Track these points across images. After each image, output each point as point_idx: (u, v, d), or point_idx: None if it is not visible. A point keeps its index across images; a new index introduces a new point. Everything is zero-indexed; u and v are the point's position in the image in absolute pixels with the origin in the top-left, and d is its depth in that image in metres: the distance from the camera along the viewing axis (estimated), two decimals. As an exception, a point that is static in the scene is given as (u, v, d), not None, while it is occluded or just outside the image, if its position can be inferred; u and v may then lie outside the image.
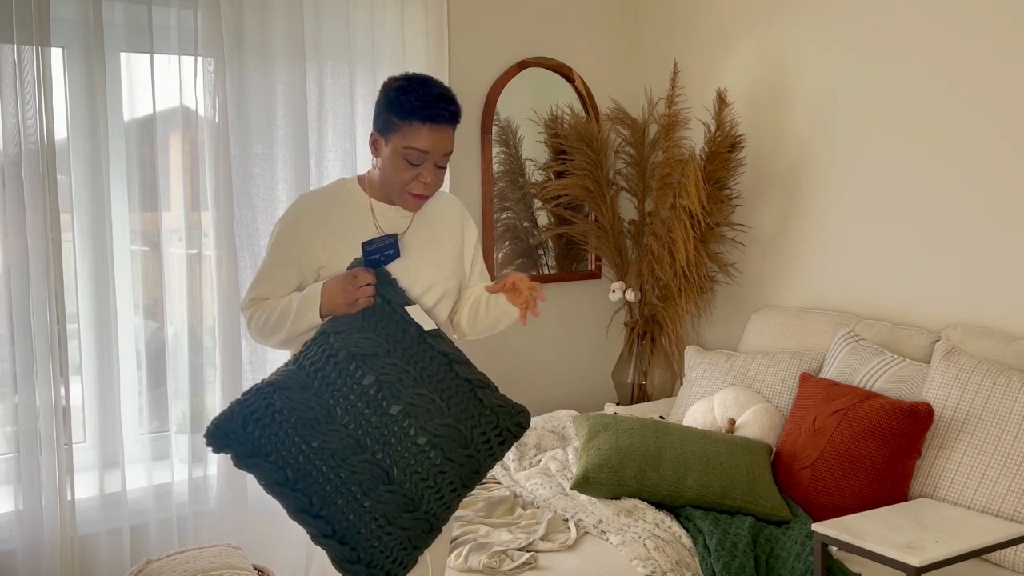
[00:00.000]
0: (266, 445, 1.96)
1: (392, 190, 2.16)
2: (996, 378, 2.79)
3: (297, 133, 3.31)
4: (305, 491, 1.97)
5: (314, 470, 1.96)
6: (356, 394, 2.00)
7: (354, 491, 1.98)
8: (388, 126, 2.11)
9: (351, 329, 2.05)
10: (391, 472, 1.99)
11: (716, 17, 3.98)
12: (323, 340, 2.06)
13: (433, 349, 2.07)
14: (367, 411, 2.00)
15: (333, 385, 2.01)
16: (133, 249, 3.19)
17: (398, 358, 2.03)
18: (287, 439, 1.96)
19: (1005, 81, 3.04)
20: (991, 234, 3.10)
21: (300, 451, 1.96)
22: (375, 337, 2.04)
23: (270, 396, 1.99)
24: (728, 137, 3.73)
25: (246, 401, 2.00)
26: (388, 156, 2.12)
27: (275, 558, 3.31)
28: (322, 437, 1.97)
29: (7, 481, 2.96)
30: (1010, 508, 2.62)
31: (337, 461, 1.97)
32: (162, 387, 3.23)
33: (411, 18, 3.56)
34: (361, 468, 1.98)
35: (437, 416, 2.02)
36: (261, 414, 1.97)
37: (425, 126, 2.08)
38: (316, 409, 1.99)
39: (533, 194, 4.08)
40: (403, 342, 2.05)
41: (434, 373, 2.05)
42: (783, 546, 2.71)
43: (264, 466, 1.96)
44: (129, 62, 3.11)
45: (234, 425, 1.97)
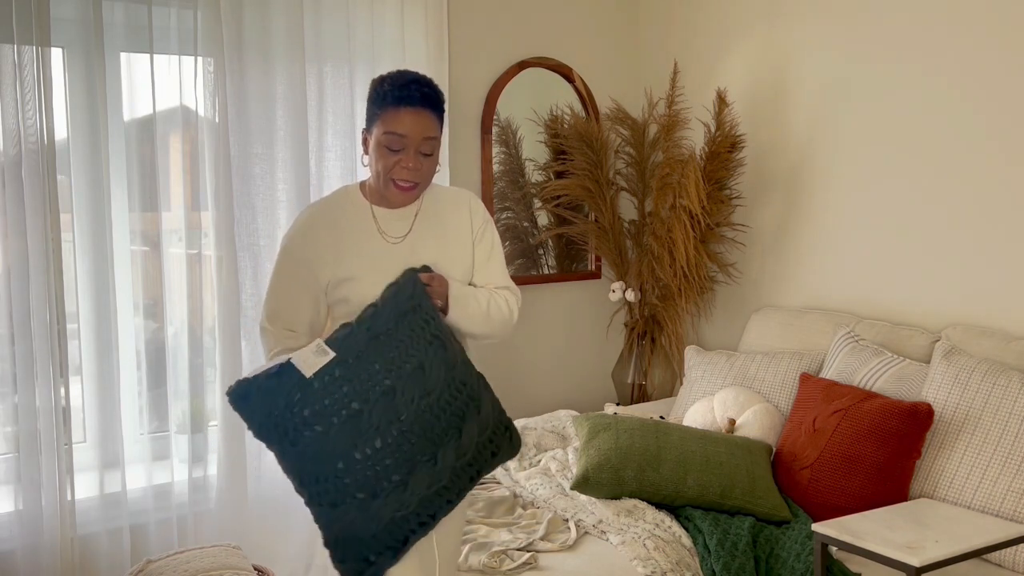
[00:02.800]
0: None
1: (379, 183, 2.18)
2: (996, 378, 2.79)
3: (297, 133, 3.31)
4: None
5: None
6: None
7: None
8: (370, 120, 2.16)
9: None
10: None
11: (716, 17, 3.98)
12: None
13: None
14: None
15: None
16: (133, 249, 3.19)
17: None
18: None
19: (1005, 81, 3.04)
20: (991, 234, 3.10)
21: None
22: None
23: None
24: (728, 137, 3.73)
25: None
26: (373, 148, 2.16)
27: (275, 558, 3.31)
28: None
29: (7, 481, 2.96)
30: (1010, 508, 2.62)
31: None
32: (162, 387, 3.23)
33: (411, 18, 3.56)
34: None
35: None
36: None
37: (400, 110, 2.11)
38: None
39: (533, 194, 4.08)
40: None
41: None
42: (783, 546, 2.71)
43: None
44: (129, 62, 3.11)
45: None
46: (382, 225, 2.21)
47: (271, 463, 3.34)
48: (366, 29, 3.46)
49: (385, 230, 2.21)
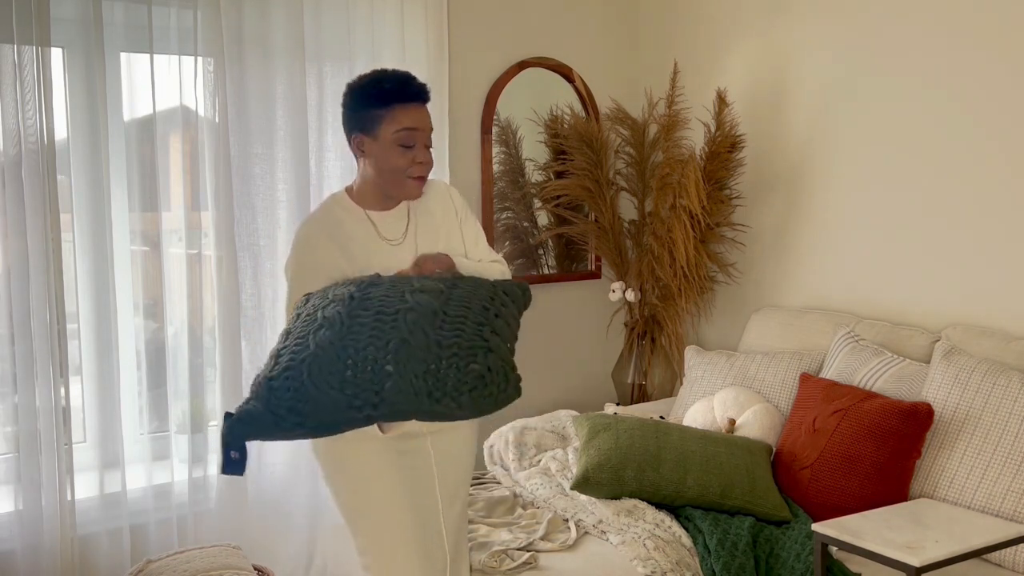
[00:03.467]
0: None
1: (391, 183, 2.20)
2: (996, 378, 2.79)
3: (297, 133, 3.31)
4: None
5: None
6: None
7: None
8: (371, 121, 2.17)
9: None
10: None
11: (716, 17, 3.98)
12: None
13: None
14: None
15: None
16: (133, 249, 3.19)
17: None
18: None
19: (1006, 82, 3.04)
20: (991, 234, 3.10)
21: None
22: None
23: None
24: (728, 137, 3.73)
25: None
26: (380, 149, 2.17)
27: (275, 558, 3.31)
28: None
29: (7, 481, 2.96)
30: (1010, 508, 2.62)
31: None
32: (162, 387, 3.23)
33: (411, 18, 3.56)
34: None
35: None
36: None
37: (408, 106, 2.16)
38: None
39: (533, 194, 4.08)
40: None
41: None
42: (783, 546, 2.71)
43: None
44: (129, 62, 3.11)
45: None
46: (380, 229, 2.24)
47: (271, 463, 3.36)
48: (366, 29, 3.46)
49: (384, 234, 2.24)
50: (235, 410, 1.96)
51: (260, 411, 1.92)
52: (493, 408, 2.00)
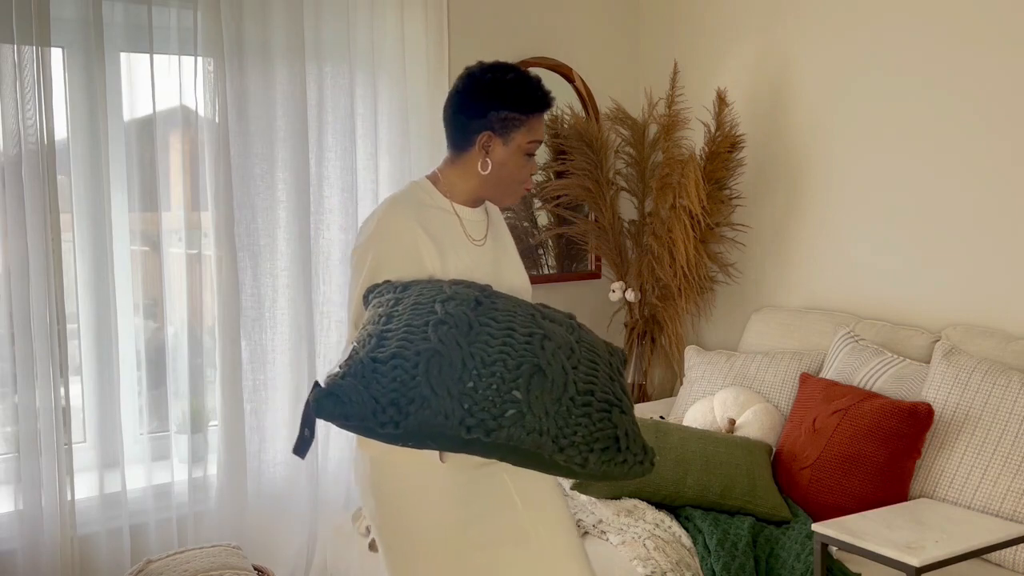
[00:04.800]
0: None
1: (504, 188, 2.08)
2: (996, 378, 2.79)
3: (297, 133, 3.31)
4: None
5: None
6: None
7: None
8: (508, 124, 2.03)
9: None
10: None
11: (716, 17, 3.98)
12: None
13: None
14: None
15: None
16: (133, 249, 3.19)
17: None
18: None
19: (1006, 82, 3.04)
20: (991, 234, 3.10)
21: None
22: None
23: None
24: (728, 137, 3.73)
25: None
26: (508, 154, 2.05)
27: (275, 558, 3.31)
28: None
29: (7, 481, 2.96)
30: (1010, 508, 2.62)
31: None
32: (162, 387, 3.23)
33: (411, 18, 3.56)
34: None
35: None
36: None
37: (540, 118, 2.07)
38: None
39: (533, 194, 4.08)
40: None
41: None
42: (783, 546, 2.71)
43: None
44: (129, 62, 3.11)
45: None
46: (467, 227, 2.09)
47: (271, 463, 3.36)
48: (366, 29, 3.46)
49: (469, 231, 2.10)
50: (325, 382, 1.69)
51: (360, 393, 1.65)
52: (622, 477, 1.73)
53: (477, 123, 2.04)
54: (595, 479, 1.74)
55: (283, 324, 3.34)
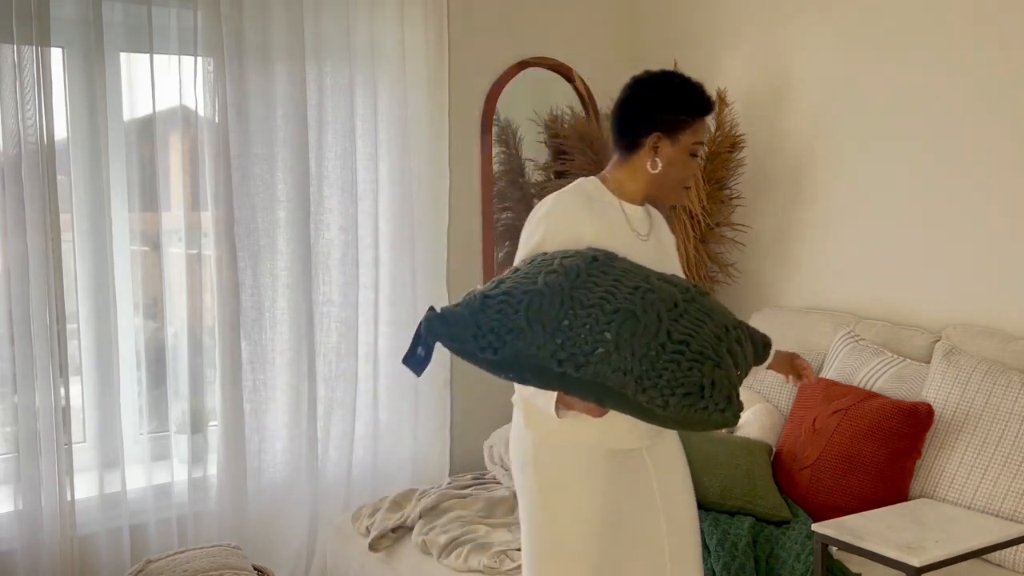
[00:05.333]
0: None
1: (670, 188, 2.21)
2: (996, 378, 2.79)
3: (297, 133, 3.31)
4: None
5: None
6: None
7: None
8: (677, 125, 2.16)
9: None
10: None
11: (716, 17, 3.97)
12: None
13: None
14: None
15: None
16: (133, 249, 3.19)
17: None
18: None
19: (1006, 82, 3.04)
20: (991, 234, 3.10)
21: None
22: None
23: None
24: (728, 137, 3.73)
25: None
26: (675, 154, 2.17)
27: (275, 558, 3.32)
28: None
29: (7, 481, 2.97)
30: (1010, 508, 2.62)
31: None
32: (162, 387, 3.23)
33: (411, 18, 3.56)
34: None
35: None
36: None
37: (705, 121, 2.21)
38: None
39: (533, 194, 4.07)
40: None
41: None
42: (783, 546, 2.70)
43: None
44: (129, 62, 3.11)
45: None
46: (632, 222, 2.20)
47: (271, 463, 3.36)
48: (366, 29, 3.46)
49: (635, 227, 2.20)
50: (439, 308, 1.93)
51: (464, 316, 1.88)
52: (701, 424, 1.85)
53: (647, 126, 2.18)
54: (676, 423, 1.86)
55: (283, 324, 3.34)
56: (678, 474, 2.25)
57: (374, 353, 3.54)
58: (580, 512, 2.10)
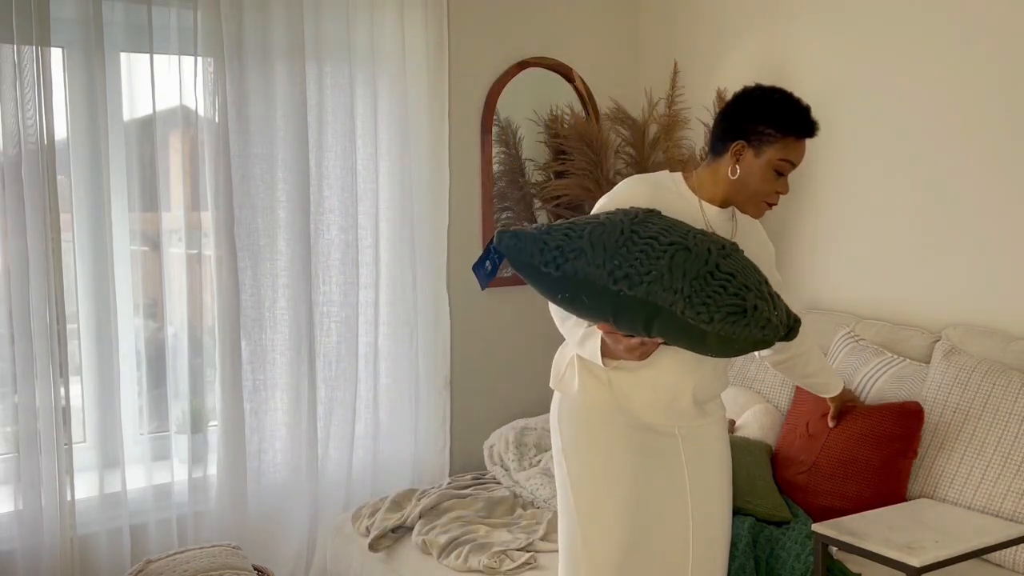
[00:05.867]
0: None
1: (749, 198, 2.22)
2: (996, 378, 2.79)
3: (297, 133, 3.31)
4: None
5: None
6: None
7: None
8: (764, 138, 2.17)
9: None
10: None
11: (716, 17, 3.97)
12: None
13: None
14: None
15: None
16: (133, 249, 3.19)
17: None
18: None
19: (1007, 81, 3.04)
20: (991, 234, 3.10)
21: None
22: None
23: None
24: (728, 137, 3.73)
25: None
26: (757, 166, 2.18)
27: (275, 558, 3.32)
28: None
29: (7, 481, 2.97)
30: (1010, 508, 2.62)
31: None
32: (162, 387, 3.23)
33: (411, 18, 3.56)
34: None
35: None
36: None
37: (800, 142, 2.21)
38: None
39: (533, 194, 4.08)
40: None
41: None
42: (783, 546, 2.70)
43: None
44: (129, 62, 3.11)
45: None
46: (710, 220, 2.24)
47: (271, 463, 3.36)
48: (366, 29, 3.46)
49: (714, 225, 2.23)
50: (511, 228, 2.12)
51: (534, 237, 2.07)
52: (742, 341, 2.00)
53: (735, 132, 2.20)
54: (719, 341, 1.99)
55: (283, 324, 3.34)
56: (714, 467, 2.30)
57: (374, 353, 3.54)
58: (609, 479, 2.19)
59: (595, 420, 2.23)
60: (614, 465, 2.20)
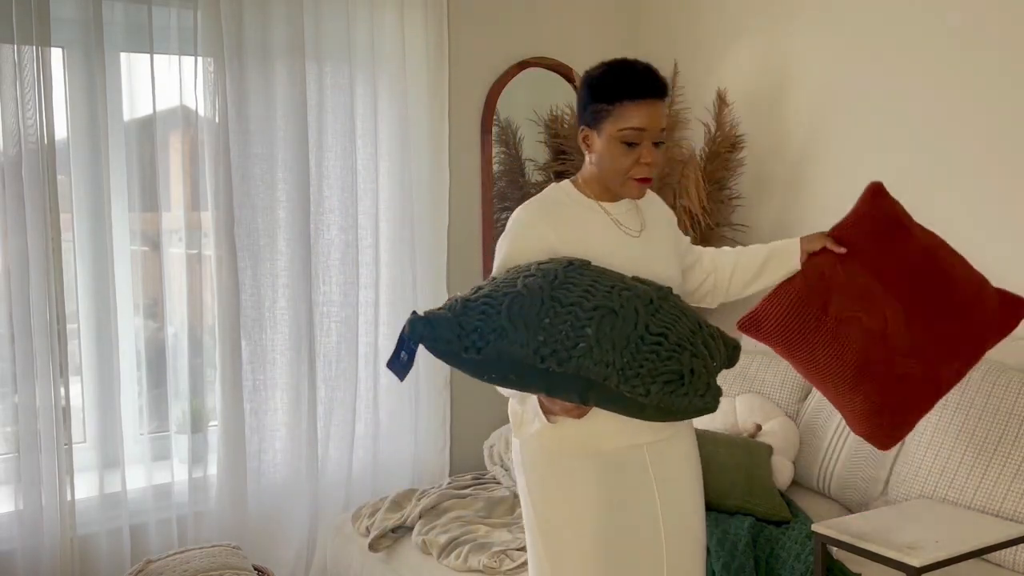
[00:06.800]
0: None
1: (614, 181, 2.10)
2: (996, 378, 2.79)
3: (297, 133, 3.31)
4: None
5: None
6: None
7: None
8: (597, 116, 2.06)
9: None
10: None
11: (716, 17, 3.98)
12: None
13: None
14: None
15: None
16: (133, 249, 3.19)
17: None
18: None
19: (1005, 82, 3.04)
20: (991, 234, 3.10)
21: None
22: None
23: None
24: (728, 137, 3.73)
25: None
26: (603, 146, 2.07)
27: (275, 558, 3.32)
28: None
29: (7, 481, 2.97)
30: (1010, 508, 2.62)
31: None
32: (162, 387, 3.23)
33: (411, 18, 3.56)
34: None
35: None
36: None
37: (635, 104, 2.03)
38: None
39: (533, 194, 4.07)
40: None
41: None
42: (783, 546, 2.70)
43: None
44: (129, 62, 3.11)
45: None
46: (617, 218, 2.14)
47: (271, 463, 3.36)
48: (366, 29, 3.46)
49: (624, 224, 2.15)
50: (424, 312, 1.95)
51: (447, 318, 1.92)
52: (683, 411, 1.89)
53: (579, 121, 2.13)
54: (659, 412, 1.89)
55: (283, 324, 3.34)
56: (684, 475, 2.19)
57: (374, 353, 3.54)
58: (577, 519, 2.06)
59: (559, 461, 2.09)
60: (582, 509, 2.06)
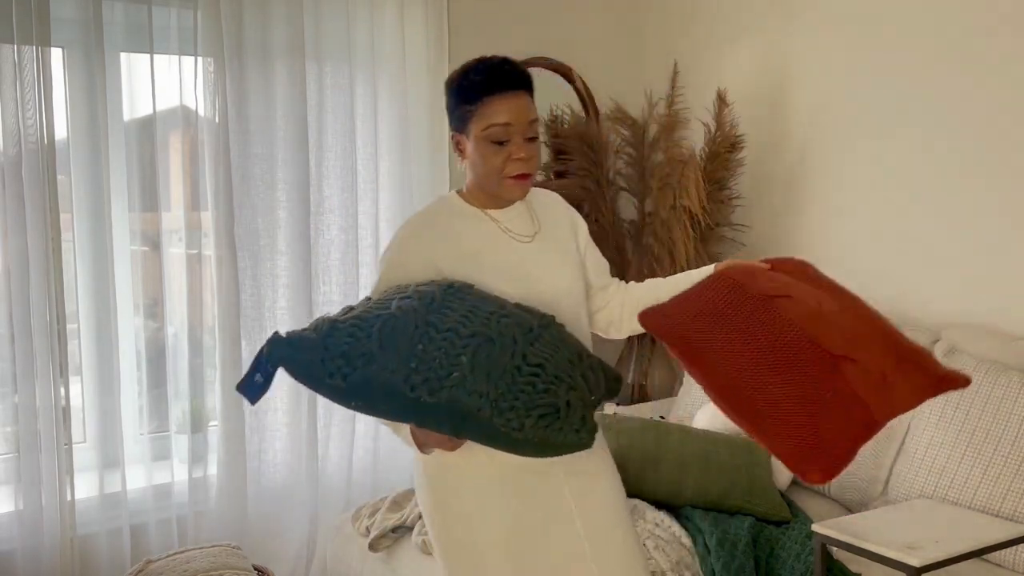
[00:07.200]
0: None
1: (491, 183, 2.00)
2: (996, 378, 2.79)
3: (297, 133, 3.31)
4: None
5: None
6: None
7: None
8: (463, 118, 1.97)
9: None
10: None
11: (716, 17, 3.98)
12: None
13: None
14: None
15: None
16: (133, 249, 3.19)
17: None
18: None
19: (1006, 81, 3.04)
20: (991, 234, 3.10)
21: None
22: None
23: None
24: (728, 137, 3.73)
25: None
26: (474, 149, 1.98)
27: (275, 558, 3.32)
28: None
29: (7, 481, 2.97)
30: (1010, 508, 2.62)
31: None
32: (162, 387, 3.23)
33: (411, 18, 3.56)
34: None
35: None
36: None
37: (496, 98, 1.94)
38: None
39: (533, 194, 4.07)
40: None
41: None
42: (783, 546, 2.71)
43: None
44: (129, 62, 3.12)
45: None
46: (506, 225, 2.05)
47: (271, 463, 3.36)
48: (366, 29, 3.46)
49: (515, 231, 2.06)
50: (286, 333, 1.82)
51: (312, 340, 1.77)
52: (557, 446, 1.80)
53: (451, 128, 2.04)
54: (532, 446, 1.80)
55: (283, 324, 3.34)
56: (598, 471, 2.08)
57: (374, 353, 3.54)
58: (484, 535, 1.98)
59: (463, 478, 2.00)
60: (490, 527, 1.97)
